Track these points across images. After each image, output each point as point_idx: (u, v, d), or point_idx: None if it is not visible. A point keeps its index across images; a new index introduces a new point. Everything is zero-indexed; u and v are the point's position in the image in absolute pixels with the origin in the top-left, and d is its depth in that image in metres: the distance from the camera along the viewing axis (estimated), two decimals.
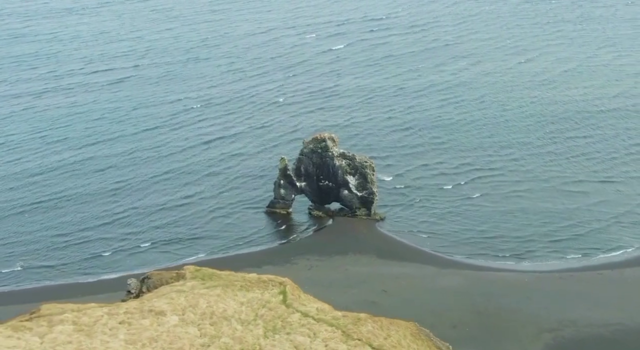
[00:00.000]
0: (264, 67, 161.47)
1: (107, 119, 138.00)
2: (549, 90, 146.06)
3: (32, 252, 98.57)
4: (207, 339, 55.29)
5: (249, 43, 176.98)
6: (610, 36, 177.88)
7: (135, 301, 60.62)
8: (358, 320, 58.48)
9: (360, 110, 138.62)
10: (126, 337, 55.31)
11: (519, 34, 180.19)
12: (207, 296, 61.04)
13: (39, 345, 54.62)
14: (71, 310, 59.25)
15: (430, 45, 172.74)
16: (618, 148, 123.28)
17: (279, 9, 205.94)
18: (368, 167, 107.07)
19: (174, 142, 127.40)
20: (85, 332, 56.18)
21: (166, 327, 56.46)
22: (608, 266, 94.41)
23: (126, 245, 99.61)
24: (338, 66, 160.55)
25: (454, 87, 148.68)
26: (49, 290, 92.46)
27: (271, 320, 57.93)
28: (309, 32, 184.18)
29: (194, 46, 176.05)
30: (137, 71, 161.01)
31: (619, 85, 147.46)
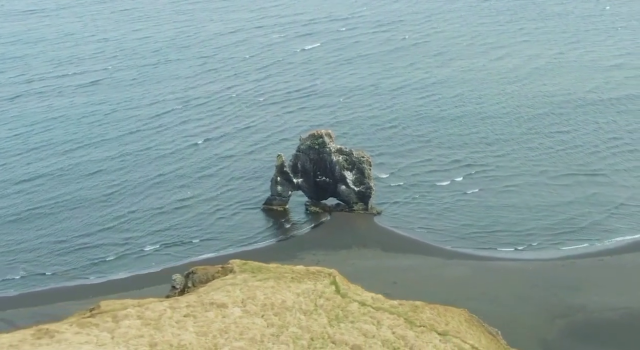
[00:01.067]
0: (238, 68, 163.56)
1: (86, 122, 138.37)
2: (523, 87, 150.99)
3: (33, 260, 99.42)
4: (275, 329, 57.52)
5: (218, 43, 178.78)
6: (572, 33, 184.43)
7: (192, 295, 62.71)
8: (416, 307, 61.41)
9: (343, 109, 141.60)
10: (196, 330, 57.28)
11: (484, 32, 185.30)
12: (262, 288, 63.33)
13: (111, 340, 56.33)
14: (132, 305, 61.01)
15: (399, 45, 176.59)
16: (598, 142, 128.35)
17: (243, 8, 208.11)
18: (365, 162, 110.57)
19: (161, 145, 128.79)
20: (153, 325, 57.99)
21: (232, 318, 58.59)
22: (607, 252, 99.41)
23: (129, 250, 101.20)
24: (312, 66, 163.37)
25: (430, 85, 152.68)
26: (59, 292, 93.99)
27: (332, 310, 60.42)
28: (277, 32, 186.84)
29: (162, 47, 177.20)
30: (109, 73, 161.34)
31: (591, 80, 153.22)
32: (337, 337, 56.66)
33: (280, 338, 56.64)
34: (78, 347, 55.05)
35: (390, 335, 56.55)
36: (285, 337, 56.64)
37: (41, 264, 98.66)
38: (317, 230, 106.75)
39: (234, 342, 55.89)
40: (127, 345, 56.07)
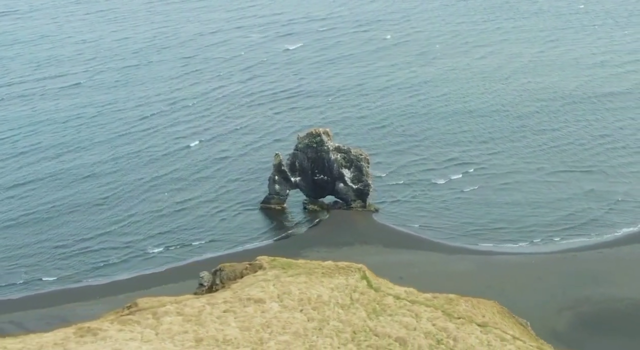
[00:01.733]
0: (222, 68, 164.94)
1: (73, 125, 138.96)
2: (509, 85, 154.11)
3: (34, 264, 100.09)
4: (316, 323, 58.98)
5: (199, 44, 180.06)
6: (550, 31, 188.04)
7: (228, 291, 64.07)
8: (450, 300, 63.23)
9: (332, 109, 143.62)
10: (238, 325, 58.62)
11: (463, 31, 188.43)
12: (296, 284, 64.80)
13: (156, 337, 57.51)
14: (170, 302, 62.21)
15: (381, 45, 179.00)
16: (589, 138, 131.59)
17: (219, 9, 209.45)
18: (363, 160, 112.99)
19: (153, 147, 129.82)
20: (195, 321, 59.26)
21: (272, 313, 59.98)
22: (605, 245, 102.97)
23: (132, 253, 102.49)
24: (297, 66, 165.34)
25: (416, 85, 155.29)
26: (65, 294, 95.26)
27: (368, 304, 62.01)
28: (257, 33, 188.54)
29: (142, 48, 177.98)
30: (91, 75, 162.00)
31: (575, 78, 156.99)
32: (379, 329, 58.35)
33: (323, 332, 58.23)
34: (124, 344, 56.14)
35: (431, 327, 58.38)
36: (328, 331, 58.24)
37: (42, 268, 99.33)
38: (318, 228, 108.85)
39: (278, 337, 57.34)
40: (173, 341, 57.27)
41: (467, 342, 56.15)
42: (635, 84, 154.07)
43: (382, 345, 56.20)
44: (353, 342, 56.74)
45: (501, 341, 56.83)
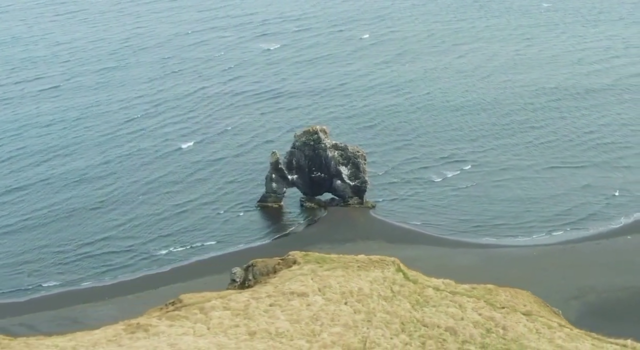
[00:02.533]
0: (202, 69, 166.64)
1: (58, 129, 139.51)
2: (491, 83, 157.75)
3: (37, 270, 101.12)
4: (363, 315, 60.60)
5: (176, 45, 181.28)
6: (522, 30, 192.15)
7: (268, 286, 65.47)
8: (489, 290, 65.32)
9: (319, 109, 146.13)
10: (287, 318, 60.07)
11: (438, 31, 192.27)
12: (334, 277, 66.35)
13: (208, 331, 58.82)
14: (214, 297, 63.42)
15: (359, 45, 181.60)
16: (575, 135, 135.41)
17: (190, 9, 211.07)
18: (360, 157, 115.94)
19: (143, 150, 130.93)
20: (243, 315, 60.60)
21: (317, 306, 61.46)
22: (601, 236, 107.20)
23: (136, 256, 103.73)
24: (278, 67, 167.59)
25: (400, 84, 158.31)
26: (73, 295, 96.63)
27: (410, 296, 63.78)
28: (233, 33, 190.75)
29: (117, 49, 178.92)
30: (68, 77, 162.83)
31: (555, 75, 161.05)
32: (427, 320, 60.05)
33: (372, 323, 59.81)
34: (179, 338, 57.34)
35: (477, 317, 60.21)
36: (377, 322, 59.86)
37: (45, 273, 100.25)
38: (318, 225, 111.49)
39: (329, 328, 58.85)
40: (226, 334, 58.59)
41: (517, 330, 58.19)
42: (614, 80, 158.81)
43: (434, 335, 57.97)
44: (404, 333, 58.47)
45: (549, 329, 59.00)
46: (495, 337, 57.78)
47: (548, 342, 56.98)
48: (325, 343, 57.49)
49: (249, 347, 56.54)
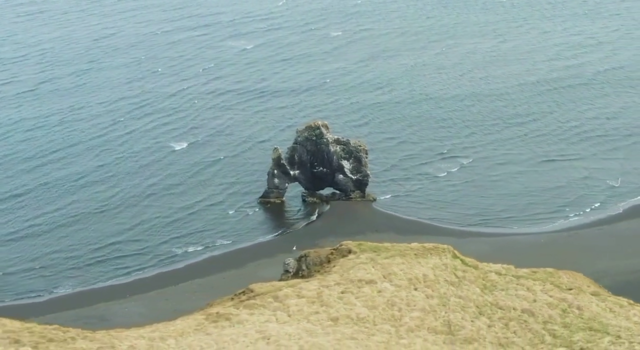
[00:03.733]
0: (181, 69, 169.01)
1: (43, 133, 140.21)
2: (473, 80, 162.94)
3: (51, 276, 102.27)
4: (437, 300, 63.11)
5: (149, 45, 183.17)
6: (491, 26, 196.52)
7: (334, 275, 67.53)
8: (550, 273, 68.33)
9: (307, 108, 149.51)
10: (363, 304, 62.34)
11: (410, 28, 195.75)
12: (395, 265, 68.79)
13: (290, 318, 60.65)
14: (284, 286, 65.06)
15: (335, 43, 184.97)
16: (563, 129, 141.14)
17: (154, 8, 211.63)
18: (362, 151, 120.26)
19: (138, 153, 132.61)
20: (319, 303, 62.66)
21: (389, 292, 63.84)
22: (602, 222, 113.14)
23: (153, 259, 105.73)
24: (258, 66, 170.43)
25: (383, 82, 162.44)
26: (94, 294, 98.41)
27: (475, 281, 66.45)
28: (205, 33, 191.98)
29: (88, 49, 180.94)
30: (43, 79, 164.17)
31: (535, 70, 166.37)
32: (501, 303, 62.61)
33: (448, 307, 61.85)
34: (264, 325, 59.30)
35: (549, 298, 62.95)
36: (453, 306, 62.10)
37: (61, 277, 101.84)
38: (324, 219, 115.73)
39: (409, 313, 61.22)
40: (309, 321, 60.64)
41: (591, 310, 60.92)
42: (593, 74, 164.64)
43: (514, 317, 60.49)
44: (483, 316, 60.71)
45: (620, 308, 61.68)
46: (574, 316, 60.38)
47: (625, 319, 59.68)
48: (410, 327, 59.76)
49: (336, 332, 58.49)
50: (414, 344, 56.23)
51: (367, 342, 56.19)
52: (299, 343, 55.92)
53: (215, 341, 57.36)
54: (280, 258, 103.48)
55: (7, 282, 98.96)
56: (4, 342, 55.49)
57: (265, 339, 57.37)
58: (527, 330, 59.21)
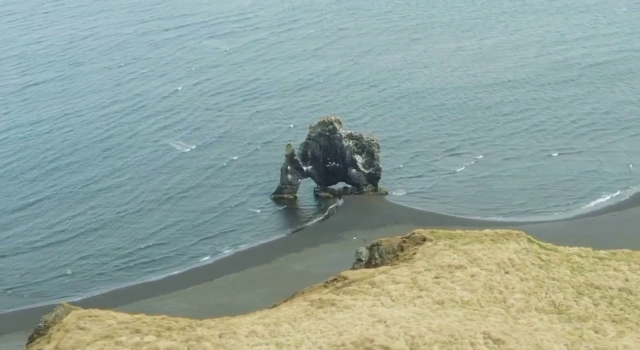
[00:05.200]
0: (166, 72, 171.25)
1: (42, 140, 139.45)
2: (462, 77, 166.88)
3: (84, 278, 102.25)
4: (531, 282, 65.24)
5: (128, 46, 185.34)
6: (466, 25, 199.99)
7: (421, 261, 68.91)
8: (629, 254, 70.76)
9: (304, 109, 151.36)
10: (462, 287, 64.08)
11: (386, 28, 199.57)
12: (476, 250, 70.72)
13: (394, 302, 62.02)
14: (376, 273, 66.03)
15: (315, 43, 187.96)
16: (563, 123, 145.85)
17: (121, 10, 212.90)
18: (374, 145, 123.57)
19: (147, 157, 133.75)
20: (417, 288, 64.22)
21: (483, 276, 65.66)
22: (614, 209, 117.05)
23: (184, 262, 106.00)
24: (245, 67, 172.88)
25: (377, 80, 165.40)
26: (132, 291, 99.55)
27: (561, 264, 68.65)
28: (181, 34, 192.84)
29: (65, 52, 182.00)
30: (26, 84, 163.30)
31: (522, 67, 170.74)
32: (596, 283, 64.55)
33: (546, 289, 63.31)
34: (373, 310, 60.78)
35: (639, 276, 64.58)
36: (551, 288, 63.49)
37: (94, 281, 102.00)
38: (341, 213, 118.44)
39: (511, 295, 62.67)
40: (415, 305, 61.68)
41: None
42: (581, 69, 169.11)
43: (614, 296, 62.15)
44: (584, 296, 62.22)
45: None
46: None
47: None
48: (519, 308, 61.37)
49: (449, 314, 59.58)
50: (533, 323, 57.39)
51: (486, 323, 57.23)
52: (421, 324, 56.78)
53: (332, 325, 58.28)
54: (307, 252, 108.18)
55: (41, 286, 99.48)
56: (125, 332, 55.90)
57: (381, 322, 58.45)
58: (633, 307, 60.90)
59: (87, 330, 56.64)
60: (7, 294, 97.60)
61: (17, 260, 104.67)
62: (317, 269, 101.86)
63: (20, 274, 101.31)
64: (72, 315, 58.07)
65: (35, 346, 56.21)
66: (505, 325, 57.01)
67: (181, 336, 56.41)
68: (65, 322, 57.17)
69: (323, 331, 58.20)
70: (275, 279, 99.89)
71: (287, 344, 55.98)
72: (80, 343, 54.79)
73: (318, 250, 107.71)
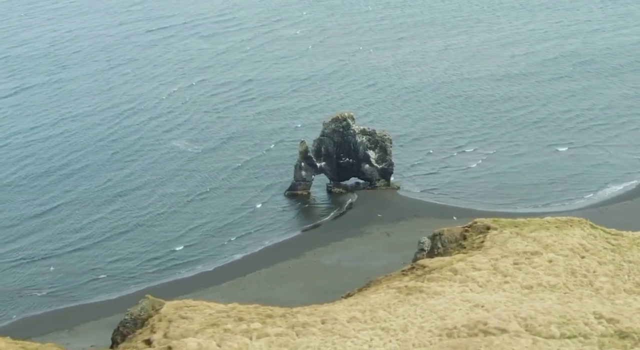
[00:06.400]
0: (156, 72, 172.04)
1: (44, 146, 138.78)
2: (457, 75, 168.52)
3: (116, 281, 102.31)
4: (610, 265, 66.66)
5: (112, 48, 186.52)
6: (444, 23, 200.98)
7: (494, 249, 69.47)
8: None
9: (305, 110, 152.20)
10: (545, 272, 65.12)
11: (370, 27, 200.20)
12: (545, 237, 72.14)
13: (482, 288, 62.48)
14: (454, 260, 66.58)
15: (303, 44, 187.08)
16: (562, 119, 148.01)
17: (95, 11, 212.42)
18: (387, 140, 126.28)
19: (158, 160, 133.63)
20: (500, 274, 64.69)
21: (561, 261, 67.42)
22: (624, 197, 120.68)
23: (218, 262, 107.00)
24: (237, 68, 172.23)
25: (373, 79, 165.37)
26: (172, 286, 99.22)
27: (631, 247, 69.98)
28: (165, 36, 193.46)
29: (47, 54, 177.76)
30: (18, 89, 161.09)
31: (513, 64, 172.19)
32: None
33: (627, 271, 64.39)
34: (464, 295, 62.01)
35: None
36: (632, 270, 64.57)
37: (126, 284, 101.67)
38: (358, 208, 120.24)
39: (596, 279, 63.60)
40: (503, 289, 62.34)
41: None
42: (573, 66, 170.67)
43: None
44: None
45: None
46: None
47: None
48: (608, 290, 62.19)
49: (542, 298, 60.31)
50: (630, 303, 58.20)
51: (587, 304, 57.95)
52: (523, 308, 57.38)
53: (430, 310, 59.01)
54: (334, 246, 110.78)
55: (77, 291, 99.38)
56: (229, 320, 56.15)
57: (478, 306, 59.22)
58: None
59: (191, 319, 56.73)
60: (44, 296, 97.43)
61: (47, 265, 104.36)
62: (346, 263, 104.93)
63: (53, 279, 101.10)
64: (169, 306, 58.16)
65: (139, 337, 56.12)
66: (608, 305, 57.93)
67: (285, 323, 56.55)
68: (164, 313, 57.17)
69: (423, 316, 58.74)
70: (307, 273, 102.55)
71: (393, 328, 56.38)
72: (189, 331, 54.89)
73: (344, 244, 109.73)
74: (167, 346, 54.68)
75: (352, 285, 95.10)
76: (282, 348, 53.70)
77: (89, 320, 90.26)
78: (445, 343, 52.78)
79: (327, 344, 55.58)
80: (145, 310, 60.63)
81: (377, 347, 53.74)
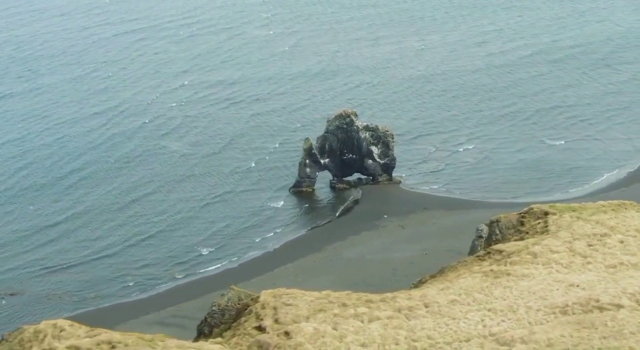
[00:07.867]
0: (137, 76, 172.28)
1: (39, 156, 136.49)
2: (443, 74, 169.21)
3: (144, 283, 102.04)
4: None
5: (84, 53, 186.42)
6: (411, 24, 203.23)
7: (562, 232, 70.05)
8: None
9: (300, 110, 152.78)
10: (622, 252, 65.46)
11: (346, 27, 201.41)
12: (607, 220, 72.59)
13: (567, 270, 63.22)
14: (528, 245, 66.88)
15: (279, 45, 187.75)
16: (551, 115, 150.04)
17: (58, 15, 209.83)
18: (389, 136, 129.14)
19: (164, 167, 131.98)
20: (579, 255, 65.19)
21: (632, 241, 68.22)
22: (621, 185, 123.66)
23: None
24: (218, 71, 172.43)
25: (357, 81, 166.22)
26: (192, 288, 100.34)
27: None
28: (138, 38, 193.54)
29: (15, 59, 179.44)
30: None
31: (493, 61, 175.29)
32: None
33: None
34: (553, 276, 62.63)
35: None
36: None
37: (154, 285, 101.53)
38: (365, 203, 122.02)
39: None
40: (588, 269, 62.89)
41: None
42: (550, 63, 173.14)
43: None
44: None
45: None
46: None
47: None
48: None
49: (631, 276, 60.75)
50: None
51: None
52: (619, 285, 57.74)
53: (527, 291, 59.55)
54: (352, 240, 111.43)
55: (107, 300, 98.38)
56: (334, 306, 57.16)
57: (573, 286, 59.61)
58: None
59: (296, 306, 56.03)
60: (75, 301, 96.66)
61: (73, 273, 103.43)
62: (370, 255, 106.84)
63: (82, 286, 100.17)
64: (266, 294, 57.43)
65: (245, 325, 55.10)
66: None
67: (389, 307, 56.25)
68: (264, 301, 56.25)
69: (522, 297, 59.01)
70: (333, 266, 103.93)
71: (500, 309, 56.62)
72: (299, 317, 54.41)
73: (361, 237, 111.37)
74: (284, 331, 54.13)
75: (380, 277, 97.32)
76: (397, 330, 53.43)
77: (127, 319, 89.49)
78: (564, 320, 53.11)
79: (441, 325, 55.61)
80: (233, 301, 60.24)
81: (492, 327, 53.82)
